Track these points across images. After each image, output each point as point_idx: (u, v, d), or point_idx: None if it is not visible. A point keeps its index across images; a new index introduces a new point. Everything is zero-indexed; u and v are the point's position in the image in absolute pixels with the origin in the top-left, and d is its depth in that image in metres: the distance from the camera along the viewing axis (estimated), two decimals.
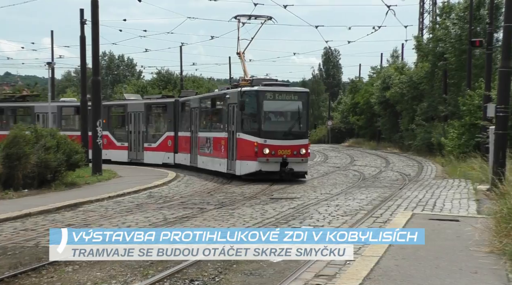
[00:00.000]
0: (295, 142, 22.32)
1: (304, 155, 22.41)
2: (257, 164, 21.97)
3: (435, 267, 8.06)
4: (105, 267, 8.87)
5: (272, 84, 23.43)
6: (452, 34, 35.93)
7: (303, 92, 23.29)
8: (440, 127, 35.05)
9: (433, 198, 16.86)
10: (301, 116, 22.73)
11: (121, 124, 33.44)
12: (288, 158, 22.13)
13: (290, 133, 22.49)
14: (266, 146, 21.91)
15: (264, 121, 22.42)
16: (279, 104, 22.83)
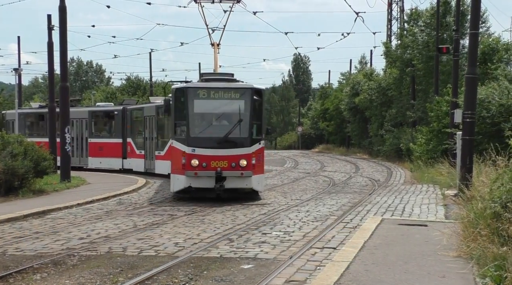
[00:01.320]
0: (234, 151, 17.81)
1: (246, 167, 17.71)
2: (185, 179, 17.70)
3: (404, 271, 8.14)
4: (74, 275, 8.78)
5: (211, 79, 18.86)
6: (420, 41, 36.42)
7: (247, 89, 18.32)
8: (408, 132, 35.45)
9: (402, 204, 17.04)
10: (243, 119, 17.97)
11: (140, 130, 29.79)
12: (224, 171, 17.62)
13: (227, 140, 17.86)
14: (194, 156, 17.65)
15: (193, 126, 18.10)
16: (214, 104, 18.35)
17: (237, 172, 17.72)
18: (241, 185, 18.07)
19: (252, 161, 17.89)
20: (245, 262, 9.63)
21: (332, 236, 11.87)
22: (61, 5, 22.70)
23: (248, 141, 17.99)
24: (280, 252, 10.38)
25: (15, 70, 35.32)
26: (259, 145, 18.30)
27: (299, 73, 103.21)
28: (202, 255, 10.18)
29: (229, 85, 18.45)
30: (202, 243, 11.29)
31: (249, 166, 17.84)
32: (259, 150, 18.36)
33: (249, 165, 17.84)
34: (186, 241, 11.46)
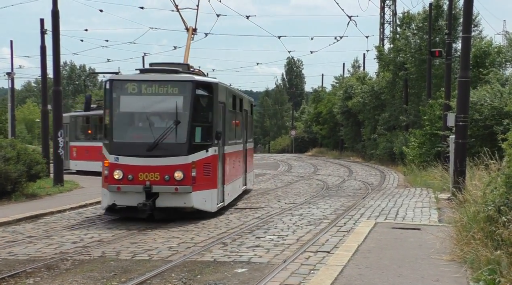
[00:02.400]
0: (167, 160, 14.20)
1: (182, 181, 14.15)
2: (109, 194, 14.41)
3: (398, 275, 8.15)
4: (67, 279, 8.74)
5: (150, 70, 15.54)
6: (412, 44, 36.58)
7: (187, 82, 14.65)
8: (401, 136, 35.54)
9: (396, 207, 17.06)
10: (181, 120, 14.39)
11: None
12: (155, 185, 14.12)
13: (160, 147, 14.24)
14: (118, 166, 14.28)
15: (117, 128, 14.71)
16: (146, 101, 14.90)
17: (171, 187, 14.11)
18: (177, 204, 14.35)
19: (191, 173, 14.24)
20: (239, 266, 9.62)
21: (326, 239, 11.87)
22: (53, 9, 22.65)
23: (186, 148, 14.31)
24: (274, 256, 10.37)
25: (8, 74, 35.26)
26: (206, 153, 14.64)
27: (292, 77, 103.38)
28: (196, 259, 10.16)
29: (165, 77, 14.85)
30: (196, 247, 11.27)
31: (187, 179, 14.19)
32: (206, 159, 14.65)
33: (187, 179, 14.19)
34: (179, 245, 11.43)
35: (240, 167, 19.36)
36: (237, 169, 18.43)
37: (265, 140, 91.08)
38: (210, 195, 14.89)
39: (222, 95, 15.75)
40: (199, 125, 14.73)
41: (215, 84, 15.28)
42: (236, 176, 18.05)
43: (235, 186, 18.22)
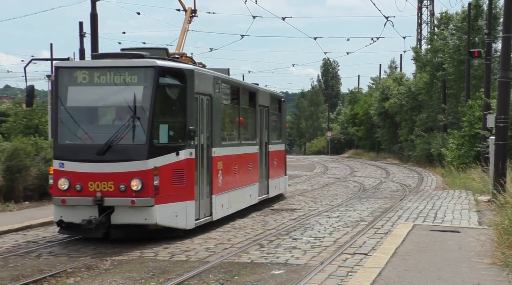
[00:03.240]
0: (122, 166, 11.44)
1: (141, 192, 11.33)
2: (55, 209, 11.93)
3: (437, 278, 8.05)
4: (106, 279, 8.86)
5: (110, 54, 12.85)
6: (451, 45, 36.10)
7: (149, 69, 11.81)
8: (439, 137, 35.11)
9: (434, 209, 16.86)
10: (141, 115, 11.54)
11: None
12: (108, 197, 11.40)
13: (113, 149, 11.51)
14: (63, 174, 11.72)
15: (62, 127, 12.12)
16: (98, 93, 12.14)
17: (126, 199, 11.33)
18: (136, 219, 11.51)
19: (153, 181, 11.38)
20: (276, 268, 9.62)
21: (363, 241, 11.79)
22: (92, 13, 22.95)
23: (145, 151, 11.46)
24: (311, 258, 10.34)
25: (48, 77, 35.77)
26: (177, 156, 11.85)
27: (328, 78, 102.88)
28: (233, 260, 10.19)
29: (122, 63, 12.09)
30: (233, 248, 11.30)
31: (148, 189, 11.33)
32: (177, 164, 11.90)
33: (148, 188, 11.33)
34: (216, 246, 11.48)
35: (252, 173, 16.63)
36: (244, 175, 15.78)
37: (301, 141, 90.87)
38: (184, 209, 12.01)
39: (204, 85, 12.97)
40: (165, 122, 12.00)
41: (189, 71, 12.34)
42: (242, 184, 15.52)
43: (240, 195, 15.40)
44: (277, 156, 19.89)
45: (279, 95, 20.93)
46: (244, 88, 16.72)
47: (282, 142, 21.02)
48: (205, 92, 13.07)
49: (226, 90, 14.93)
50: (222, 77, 14.52)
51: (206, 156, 13.12)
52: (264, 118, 18.27)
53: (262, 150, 18.02)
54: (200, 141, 12.79)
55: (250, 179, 16.52)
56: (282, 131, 21.06)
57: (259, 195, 17.38)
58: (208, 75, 13.56)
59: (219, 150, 13.84)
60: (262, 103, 17.94)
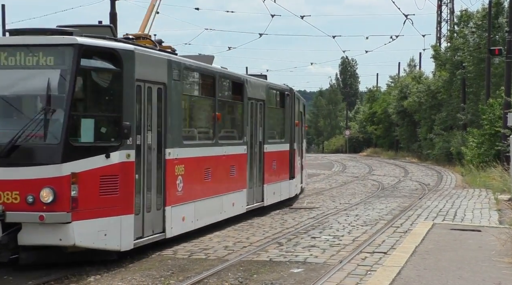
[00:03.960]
0: (30, 171, 8.96)
1: (54, 205, 8.85)
2: None
3: (458, 277, 8.00)
4: (126, 277, 8.90)
5: (17, 30, 10.19)
6: (471, 43, 35.81)
7: (67, 47, 9.32)
8: (459, 136, 34.88)
9: (454, 208, 16.75)
10: (56, 106, 9.10)
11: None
12: (11, 211, 8.86)
13: (19, 151, 9.02)
14: None
15: None
16: (5, 78, 9.63)
17: (34, 214, 8.78)
18: (49, 240, 8.96)
19: (69, 191, 8.91)
20: (294, 266, 9.61)
21: (382, 240, 11.74)
22: (111, 12, 23.07)
23: (59, 152, 8.94)
24: (329, 256, 10.32)
25: None
26: (107, 159, 9.39)
27: (346, 76, 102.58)
28: (252, 258, 10.20)
29: (36, 40, 9.46)
30: (252, 246, 11.31)
31: (62, 201, 8.86)
32: (106, 169, 9.41)
33: (62, 200, 8.86)
34: (235, 245, 11.50)
35: (236, 178, 14.11)
36: (222, 181, 13.31)
37: (319, 140, 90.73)
38: (117, 225, 9.49)
39: (152, 70, 10.41)
40: (90, 116, 9.50)
41: (126, 52, 9.77)
42: (219, 192, 13.05)
43: (215, 205, 12.94)
44: (279, 157, 17.23)
45: (281, 88, 17.98)
46: (222, 77, 13.77)
47: (287, 142, 18.01)
48: (155, 79, 10.49)
49: (193, 79, 12.69)
50: (185, 62, 11.67)
51: (157, 158, 10.54)
52: (257, 113, 15.61)
53: (254, 150, 15.39)
54: (145, 140, 10.17)
55: (233, 185, 13.86)
56: (287, 129, 18.06)
57: (248, 203, 14.83)
58: (160, 59, 10.80)
59: (179, 152, 11.17)
60: (253, 96, 15.25)
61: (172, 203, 10.95)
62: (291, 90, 18.56)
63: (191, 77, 12.67)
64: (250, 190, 15.09)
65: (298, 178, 19.82)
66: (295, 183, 18.80)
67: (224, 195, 13.43)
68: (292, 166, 18.40)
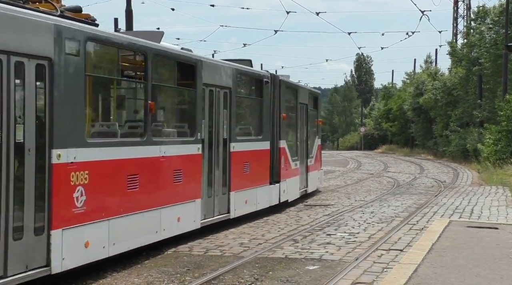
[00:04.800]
0: None
1: None
2: None
3: (475, 275, 7.93)
4: (142, 274, 8.92)
5: None
6: (487, 39, 35.53)
7: None
8: (475, 132, 34.64)
9: (470, 205, 16.64)
10: None
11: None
12: None
13: None
14: None
15: None
16: None
17: None
18: None
19: None
20: (310, 263, 9.59)
21: (398, 237, 11.68)
22: (127, 9, 23.16)
23: None
24: (345, 254, 10.29)
25: None
26: None
27: (361, 73, 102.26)
28: (267, 255, 10.19)
29: None
30: (267, 243, 11.30)
31: None
32: None
33: None
34: (251, 241, 11.49)
35: (183, 186, 11.03)
36: (161, 190, 10.32)
37: (333, 137, 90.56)
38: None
39: (22, 37, 7.37)
40: None
41: None
42: (151, 205, 9.96)
43: (145, 223, 9.83)
44: (254, 158, 14.41)
45: (257, 74, 15.15)
46: (159, 55, 10.60)
47: (266, 139, 15.18)
48: (28, 51, 7.46)
49: (108, 55, 9.83)
50: (88, 30, 8.65)
51: (35, 163, 7.56)
52: (219, 104, 12.72)
53: (215, 150, 12.53)
54: None
55: (178, 195, 10.88)
56: (266, 124, 15.22)
57: (205, 216, 12.05)
58: (38, 23, 7.65)
59: (78, 153, 8.22)
60: (212, 82, 12.31)
61: (64, 224, 7.95)
62: (274, 76, 15.85)
63: (104, 52, 9.67)
64: (209, 200, 12.18)
65: (293, 181, 17.05)
66: (283, 188, 15.92)
67: (163, 208, 10.32)
68: (275, 168, 15.61)
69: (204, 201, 11.94)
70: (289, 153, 16.72)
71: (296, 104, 17.86)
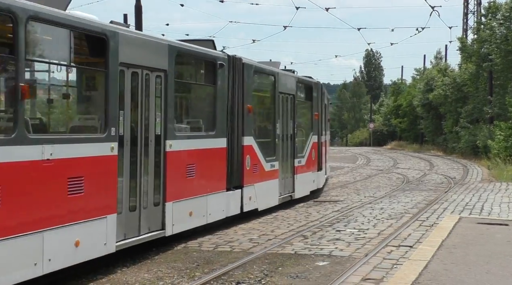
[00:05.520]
0: None
1: None
2: None
3: (486, 272, 7.91)
4: (152, 269, 8.95)
5: None
6: (498, 35, 35.32)
7: None
8: (485, 129, 34.49)
9: (480, 202, 16.57)
10: None
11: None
12: None
13: None
14: None
15: None
16: None
17: None
18: None
19: None
20: (320, 259, 9.58)
21: (408, 234, 11.65)
22: (137, 4, 23.15)
23: None
24: (355, 250, 10.27)
25: None
26: None
27: (370, 69, 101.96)
28: (276, 251, 10.19)
29: None
30: (277, 239, 11.30)
31: None
32: None
33: None
34: (260, 237, 11.50)
35: (81, 200, 8.17)
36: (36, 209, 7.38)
37: (342, 133, 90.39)
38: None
39: None
40: None
41: None
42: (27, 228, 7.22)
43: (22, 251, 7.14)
44: (201, 158, 11.53)
45: (208, 55, 12.09)
46: None
47: (220, 135, 12.35)
48: None
49: None
50: None
51: None
52: (146, 91, 9.89)
53: (137, 150, 9.68)
54: None
55: (73, 213, 7.98)
56: (221, 116, 12.37)
57: (123, 237, 9.19)
58: None
59: None
60: (133, 61, 9.52)
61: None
62: (234, 59, 12.94)
63: None
64: (131, 215, 9.40)
65: (267, 185, 14.42)
66: (249, 194, 13.37)
67: (43, 232, 7.42)
68: (236, 171, 13.00)
69: (124, 216, 9.16)
70: (261, 152, 14.02)
71: (274, 93, 15.11)
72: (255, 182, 13.69)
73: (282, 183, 15.52)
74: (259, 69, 14.34)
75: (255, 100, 14.15)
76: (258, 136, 14.20)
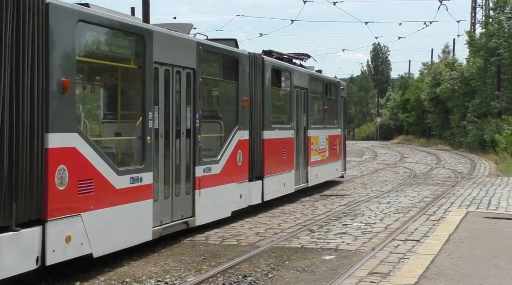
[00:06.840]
0: None
1: None
2: None
3: (493, 266, 7.88)
4: (159, 262, 8.97)
5: None
6: (506, 29, 35.14)
7: None
8: (493, 123, 34.36)
9: (488, 196, 16.52)
10: None
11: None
12: None
13: None
14: None
15: None
16: None
17: None
18: None
19: None
20: (326, 253, 9.58)
21: (415, 228, 11.64)
22: None
23: None
24: (362, 244, 10.26)
25: None
26: None
27: (378, 63, 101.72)
28: (283, 245, 10.19)
29: None
30: (283, 233, 11.30)
31: None
32: None
33: None
34: (267, 231, 11.50)
35: None
36: None
37: (349, 127, 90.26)
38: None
39: None
40: None
41: None
42: None
43: None
44: None
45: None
46: None
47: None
48: None
49: None
50: None
51: None
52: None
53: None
54: None
55: None
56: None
57: None
58: None
59: None
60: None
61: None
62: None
63: None
64: None
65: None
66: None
67: None
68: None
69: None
70: None
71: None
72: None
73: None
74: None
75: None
76: None
